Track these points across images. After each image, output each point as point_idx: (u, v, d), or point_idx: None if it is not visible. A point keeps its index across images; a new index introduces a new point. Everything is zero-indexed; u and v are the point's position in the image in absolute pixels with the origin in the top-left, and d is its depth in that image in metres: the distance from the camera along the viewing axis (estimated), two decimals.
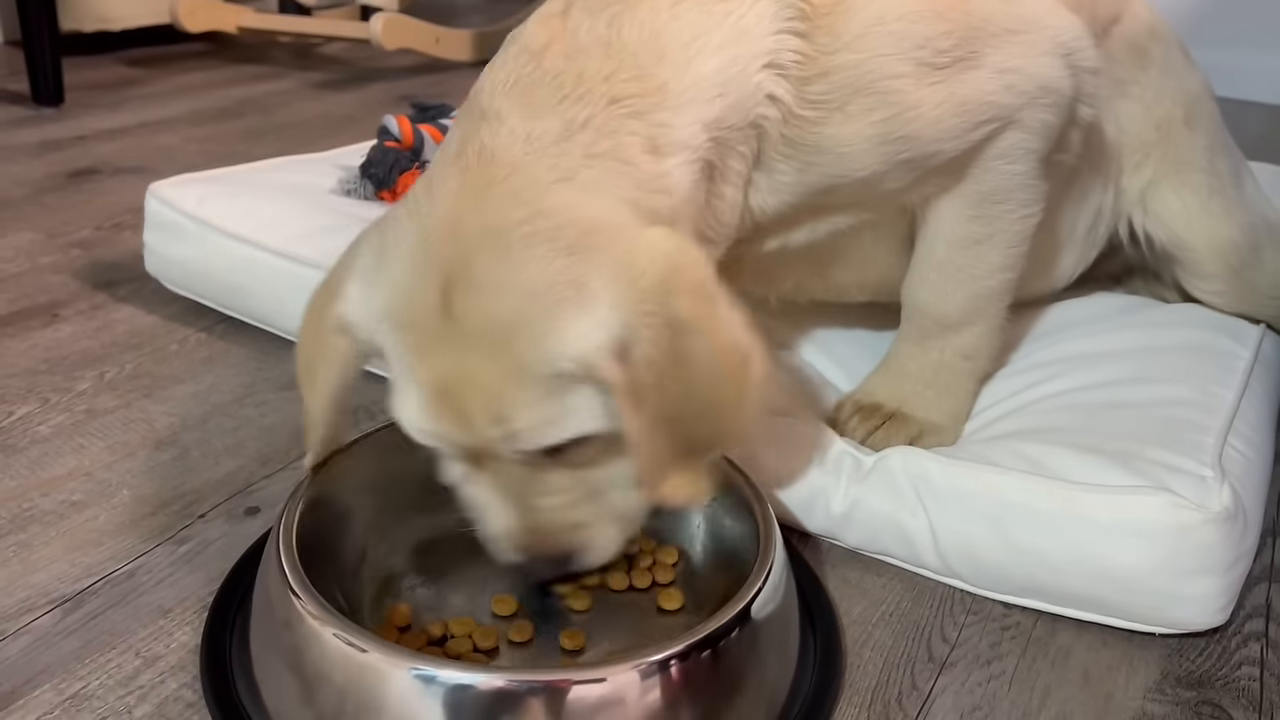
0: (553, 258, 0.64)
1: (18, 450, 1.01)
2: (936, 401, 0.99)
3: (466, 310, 0.65)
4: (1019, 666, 0.82)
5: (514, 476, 0.70)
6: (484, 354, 0.65)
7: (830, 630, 0.79)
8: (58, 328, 1.25)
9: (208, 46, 2.77)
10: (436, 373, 0.66)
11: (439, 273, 0.65)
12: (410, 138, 1.43)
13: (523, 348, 0.64)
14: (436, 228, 0.67)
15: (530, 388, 0.65)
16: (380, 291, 0.68)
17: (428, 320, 0.66)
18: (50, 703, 0.73)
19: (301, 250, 1.18)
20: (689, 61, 0.74)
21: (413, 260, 0.67)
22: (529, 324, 0.64)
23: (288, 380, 1.15)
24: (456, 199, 0.68)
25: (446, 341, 0.65)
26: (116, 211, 1.61)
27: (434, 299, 0.65)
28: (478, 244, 0.65)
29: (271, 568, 0.68)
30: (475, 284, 0.64)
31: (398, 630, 0.74)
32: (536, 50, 0.74)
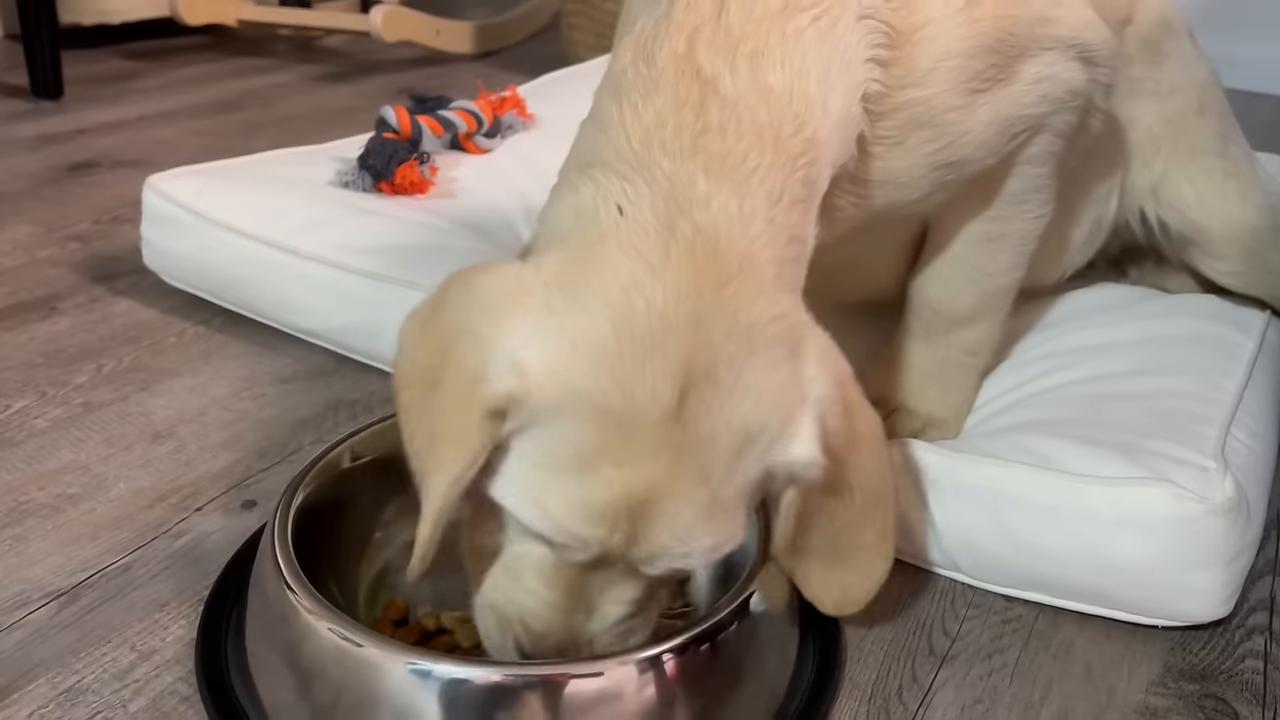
0: (785, 362, 0.62)
1: (14, 444, 1.00)
2: (940, 396, 0.98)
3: (704, 413, 0.59)
4: (1020, 660, 0.82)
5: (597, 582, 0.64)
6: (706, 462, 0.59)
7: (829, 624, 0.79)
8: (55, 321, 1.24)
9: (207, 40, 2.76)
10: (640, 478, 0.59)
11: (679, 369, 0.59)
12: (408, 129, 1.42)
13: (757, 453, 0.61)
14: (677, 317, 0.59)
15: (735, 501, 0.61)
16: (580, 371, 0.59)
17: (650, 419, 0.58)
18: (45, 696, 0.72)
19: (300, 243, 1.17)
20: (825, 102, 0.70)
21: (643, 347, 0.59)
22: (768, 429, 0.61)
23: (286, 374, 1.15)
24: (696, 289, 0.60)
25: (667, 446, 0.59)
26: (115, 205, 1.60)
27: (668, 395, 0.58)
28: (726, 344, 0.60)
29: (267, 562, 0.67)
30: (718, 385, 0.59)
31: (393, 624, 0.74)
32: (692, 101, 0.67)
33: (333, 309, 1.15)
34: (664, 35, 0.69)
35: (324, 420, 1.07)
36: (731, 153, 0.66)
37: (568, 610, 0.64)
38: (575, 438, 0.59)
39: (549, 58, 2.51)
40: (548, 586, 0.64)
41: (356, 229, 1.20)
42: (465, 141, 1.52)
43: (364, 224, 1.22)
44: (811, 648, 0.76)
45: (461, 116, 1.50)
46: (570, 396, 0.59)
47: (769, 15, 0.69)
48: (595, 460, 0.58)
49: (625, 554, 0.61)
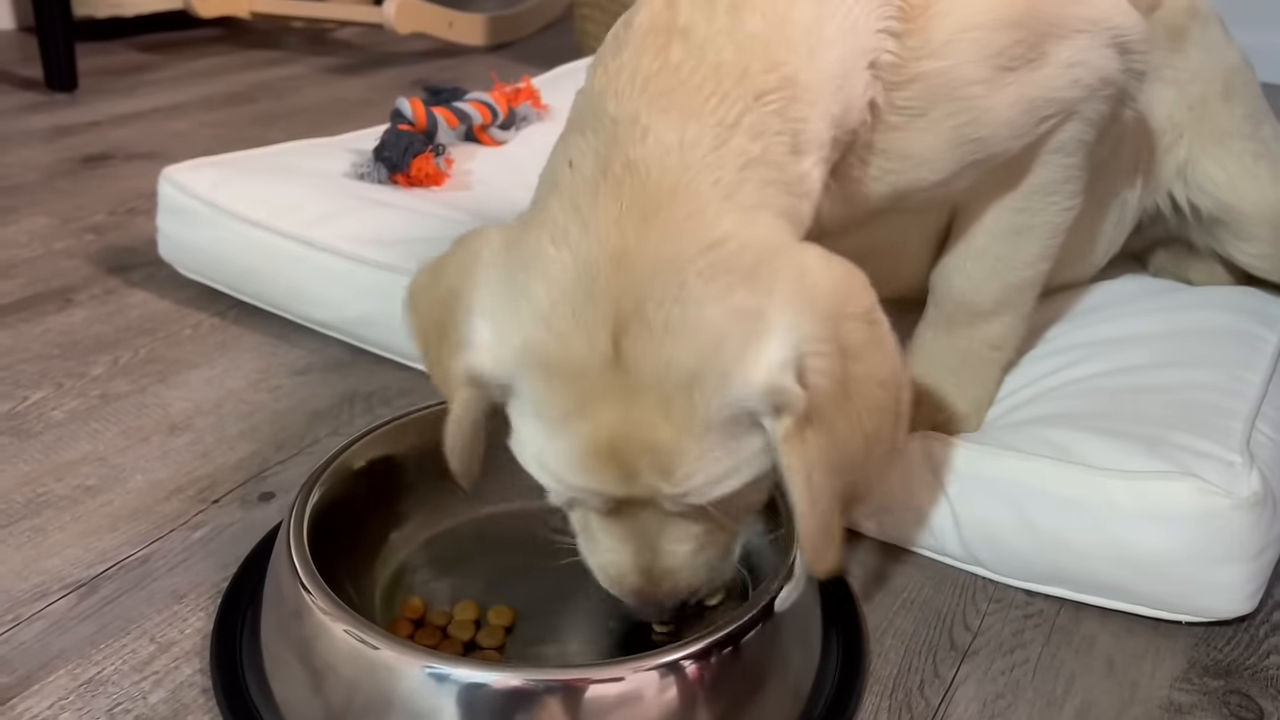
0: (731, 291, 0.59)
1: (32, 435, 1.00)
2: (961, 389, 0.97)
3: (642, 356, 0.58)
4: (1042, 655, 0.81)
5: (650, 522, 0.65)
6: (660, 404, 0.59)
7: (852, 622, 0.78)
8: (71, 313, 1.24)
9: (220, 32, 2.76)
10: (602, 426, 0.59)
11: (608, 314, 0.58)
12: (424, 120, 1.42)
13: (707, 393, 0.59)
14: (599, 262, 0.59)
15: (709, 438, 0.60)
16: (525, 333, 0.61)
17: (592, 368, 0.59)
18: (65, 688, 0.72)
19: (315, 235, 1.17)
20: (813, 51, 0.69)
21: (571, 300, 0.59)
22: (713, 369, 0.59)
23: (302, 365, 1.15)
24: (619, 228, 0.60)
25: (616, 391, 0.59)
26: (129, 196, 1.60)
27: (603, 344, 0.58)
28: (651, 282, 0.59)
29: (282, 559, 0.67)
30: (651, 327, 0.58)
31: (411, 623, 0.73)
32: (657, 46, 0.67)
33: (348, 300, 1.15)
34: (638, 15, 0.70)
35: (340, 412, 1.07)
36: (682, 86, 0.65)
37: (634, 552, 0.66)
38: (540, 397, 0.61)
39: (562, 49, 2.50)
40: (607, 534, 0.66)
41: (372, 221, 1.20)
42: (480, 133, 1.51)
43: (379, 216, 1.21)
44: (835, 646, 0.75)
45: (476, 108, 1.49)
46: (523, 358, 0.61)
47: None
48: (563, 415, 0.60)
49: (634, 496, 0.62)
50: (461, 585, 0.77)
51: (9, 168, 1.70)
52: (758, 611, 0.64)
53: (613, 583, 0.68)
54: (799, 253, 0.63)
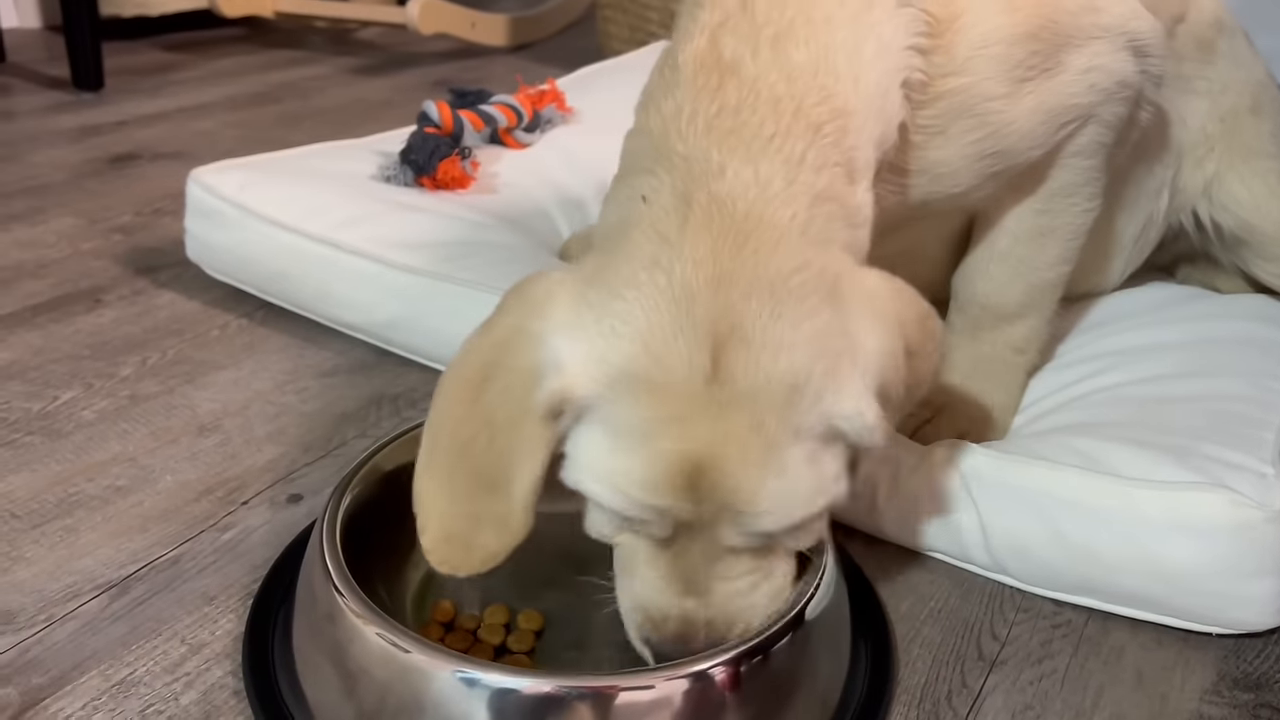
0: (820, 310, 0.62)
1: (63, 435, 1.01)
2: (986, 395, 0.97)
3: (740, 371, 0.59)
4: (1071, 666, 0.81)
5: (700, 554, 0.64)
6: (754, 418, 0.59)
7: (881, 630, 0.78)
8: (100, 313, 1.25)
9: (243, 31, 2.77)
10: (692, 442, 0.59)
11: (707, 334, 0.60)
12: (450, 124, 1.42)
13: (802, 407, 0.60)
14: (697, 285, 0.61)
15: (797, 455, 0.61)
16: (621, 354, 0.61)
17: (690, 383, 0.59)
18: (98, 688, 0.73)
19: (343, 237, 1.17)
20: (857, 78, 0.70)
21: (669, 320, 0.60)
22: (810, 383, 0.60)
23: (329, 367, 1.15)
24: (713, 255, 0.62)
25: (710, 407, 0.59)
26: (156, 197, 1.61)
27: (701, 359, 0.59)
28: (748, 301, 0.60)
29: (315, 562, 0.67)
30: (750, 343, 0.60)
31: (441, 626, 0.73)
32: (711, 87, 0.69)
33: (375, 303, 1.15)
34: (688, 36, 0.72)
35: (367, 414, 1.07)
36: (746, 125, 0.67)
37: (680, 591, 0.65)
38: (627, 416, 0.61)
39: (584, 50, 2.50)
40: (657, 571, 0.65)
41: (399, 224, 1.20)
42: (505, 136, 1.51)
43: (406, 219, 1.22)
44: (864, 654, 0.75)
45: (502, 111, 1.49)
46: (614, 378, 0.61)
47: (795, 1, 0.70)
48: (649, 433, 0.60)
49: (700, 520, 0.61)
50: (490, 589, 0.77)
51: (37, 167, 1.72)
52: (788, 620, 0.63)
53: (652, 625, 0.65)
54: (863, 276, 0.67)
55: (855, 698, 0.70)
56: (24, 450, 0.98)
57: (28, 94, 2.14)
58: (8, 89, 2.17)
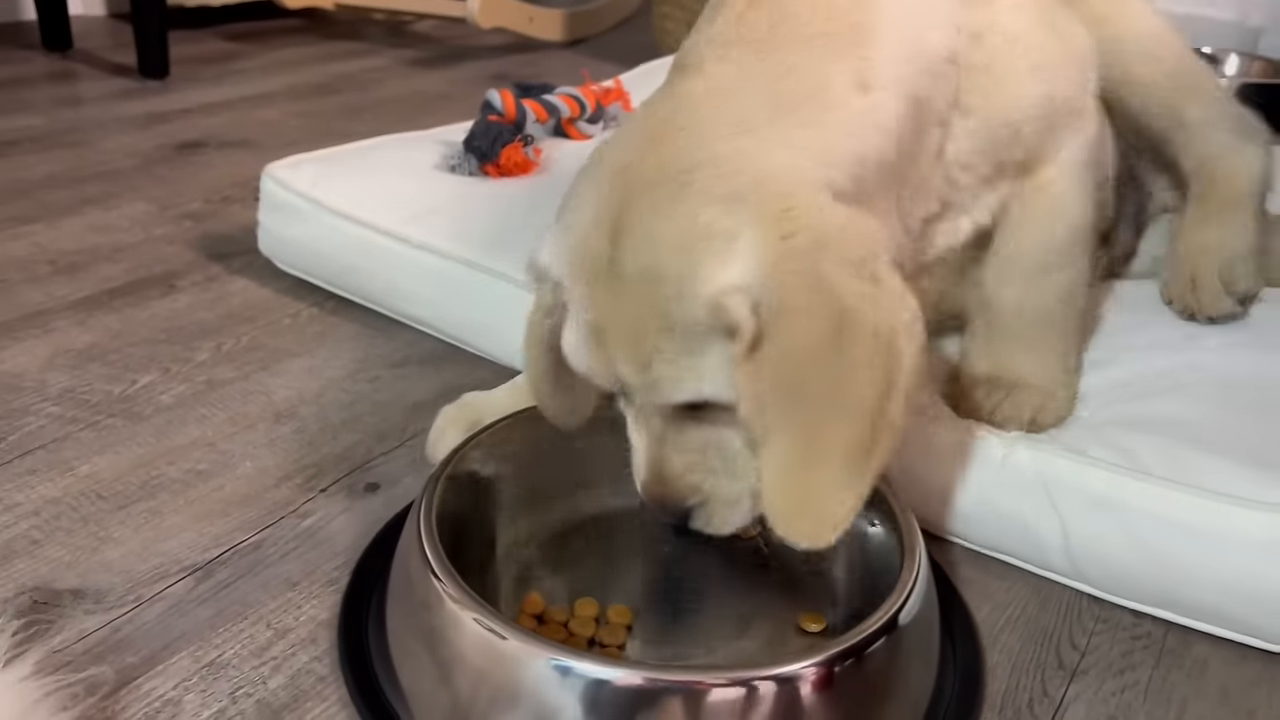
0: (705, 208, 0.64)
1: (143, 418, 1.03)
2: (1039, 366, 0.93)
3: (625, 258, 0.65)
4: (1153, 678, 0.80)
5: (657, 421, 0.70)
6: (634, 299, 0.65)
7: (969, 635, 0.78)
8: (175, 298, 1.27)
9: (303, 22, 2.80)
10: (596, 317, 0.67)
11: (610, 220, 0.66)
12: (513, 112, 1.43)
13: (667, 296, 0.64)
14: (613, 174, 0.68)
15: (671, 339, 0.65)
16: (564, 238, 0.69)
17: (597, 267, 0.66)
18: (188, 669, 0.74)
19: (414, 232, 1.18)
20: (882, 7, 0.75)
21: (591, 207, 0.68)
22: (673, 274, 0.64)
23: (399, 357, 1.16)
24: (634, 147, 0.68)
25: (608, 289, 0.66)
26: (224, 185, 1.63)
27: (604, 246, 0.66)
28: (640, 193, 0.66)
29: (412, 549, 0.67)
30: (633, 233, 0.65)
31: (534, 619, 0.74)
32: (740, 9, 0.74)
33: (444, 300, 1.16)
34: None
35: (438, 405, 1.06)
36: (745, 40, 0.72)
37: (645, 448, 0.71)
38: (568, 294, 0.69)
39: (639, 46, 2.50)
40: (635, 434, 0.73)
41: (469, 219, 1.21)
42: (568, 126, 1.52)
43: (477, 213, 1.22)
44: (953, 660, 0.74)
45: (565, 101, 1.50)
46: (563, 257, 0.69)
47: None
48: (576, 300, 0.68)
49: (610, 383, 0.69)
50: (576, 583, 0.78)
51: (108, 153, 1.75)
52: (882, 624, 0.63)
53: (638, 483, 0.73)
54: (801, 191, 0.65)
55: (945, 704, 0.70)
56: (107, 432, 1.00)
57: (95, 81, 2.17)
58: (75, 76, 2.21)
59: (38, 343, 1.15)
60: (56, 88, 2.13)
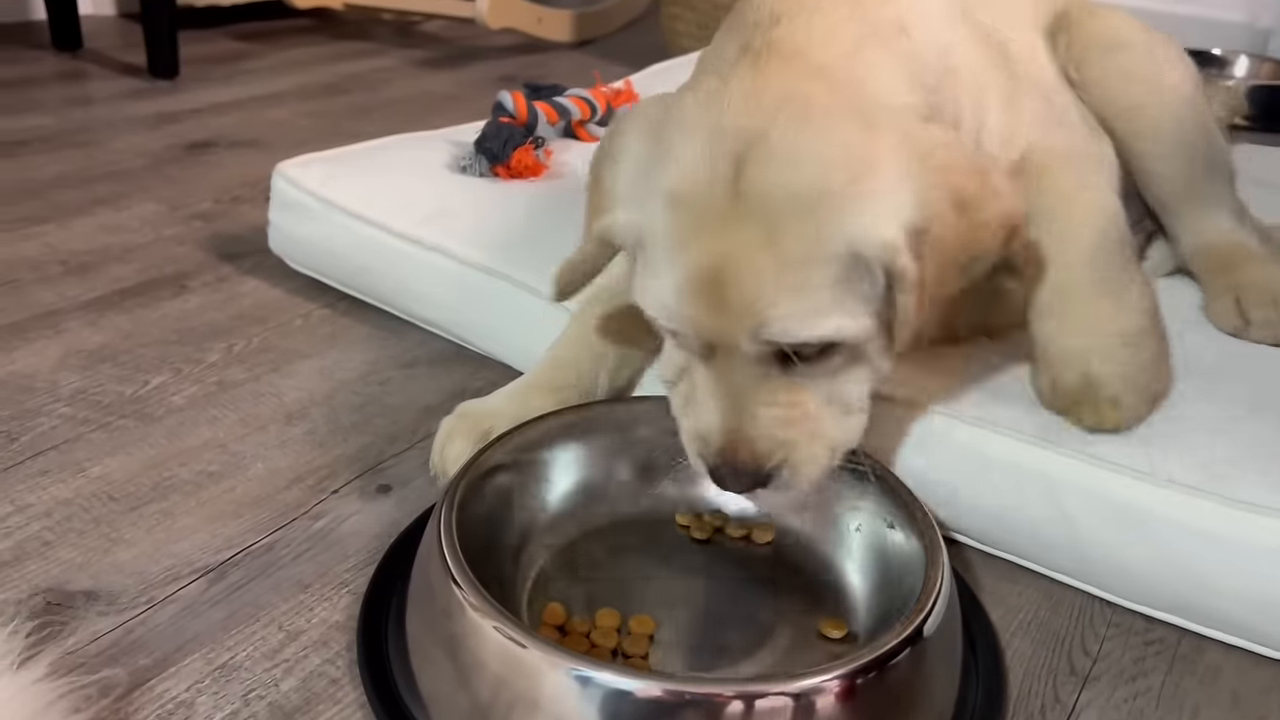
0: (851, 131, 0.64)
1: (155, 419, 1.03)
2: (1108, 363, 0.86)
3: (759, 181, 0.62)
4: (1165, 684, 0.80)
5: (740, 377, 0.68)
6: (769, 229, 0.62)
7: (990, 644, 0.78)
8: (186, 299, 1.27)
9: (312, 22, 2.80)
10: (709, 251, 0.64)
11: (734, 144, 0.63)
12: (524, 113, 1.43)
13: (820, 221, 0.62)
14: (732, 100, 0.66)
15: (807, 270, 0.63)
16: (660, 168, 0.66)
17: (714, 194, 0.63)
18: (201, 671, 0.74)
19: (425, 234, 1.18)
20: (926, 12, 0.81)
21: (704, 133, 0.65)
22: (828, 197, 0.62)
23: (410, 359, 1.16)
24: (752, 76, 0.67)
25: (729, 218, 0.63)
26: (234, 185, 1.64)
27: (726, 170, 0.63)
28: (776, 113, 0.64)
29: (433, 555, 0.67)
30: (772, 154, 0.63)
31: (556, 630, 0.73)
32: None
33: (455, 303, 1.16)
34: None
35: (449, 407, 1.06)
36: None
37: (721, 407, 0.68)
38: (664, 230, 0.66)
39: (648, 47, 2.50)
40: (703, 389, 0.70)
41: (480, 221, 1.21)
42: (578, 128, 1.52)
43: (488, 215, 1.22)
44: (975, 665, 0.74)
45: (576, 103, 1.50)
46: (653, 199, 0.66)
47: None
48: (678, 243, 0.65)
49: (727, 336, 0.65)
50: (596, 591, 0.77)
51: (119, 153, 1.75)
52: (907, 634, 0.63)
53: (703, 441, 0.70)
54: (907, 115, 0.70)
55: (969, 714, 0.70)
56: (119, 433, 1.00)
57: (105, 80, 2.17)
58: (85, 75, 2.21)
59: (49, 343, 1.15)
60: (67, 88, 2.14)
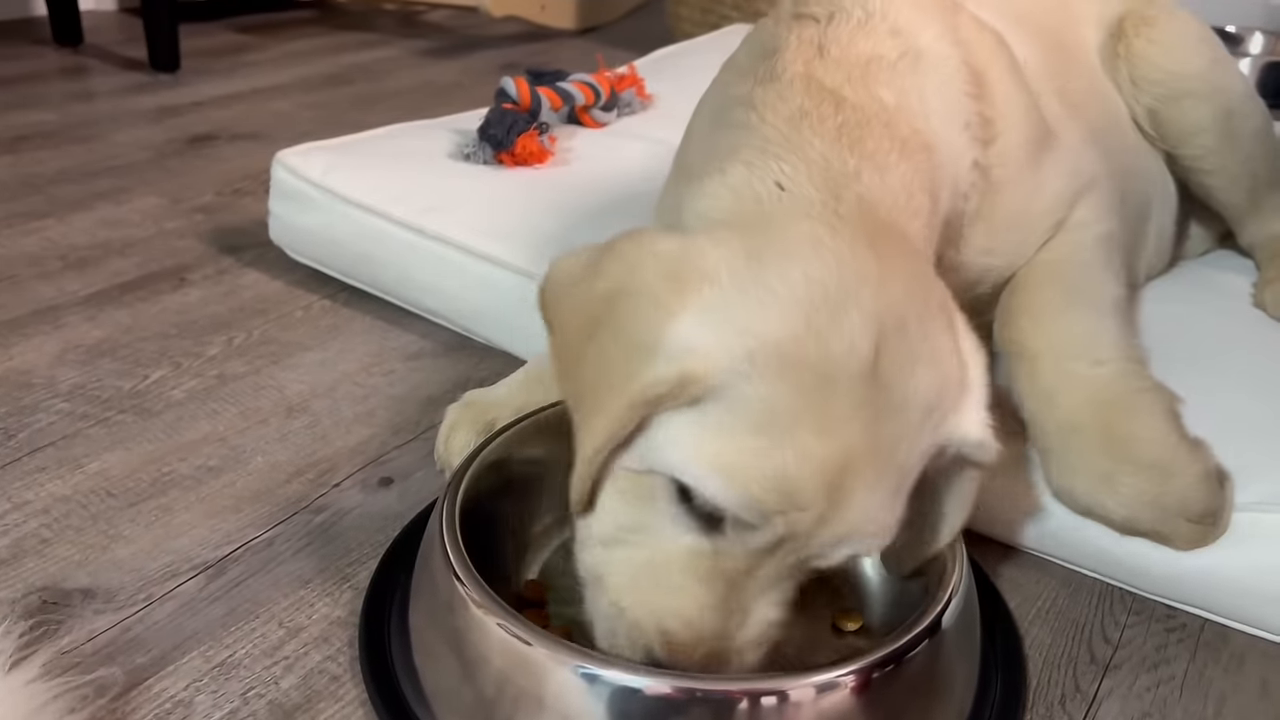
0: (950, 331, 0.62)
1: (154, 414, 1.01)
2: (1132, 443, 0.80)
3: (897, 373, 0.55)
4: (1189, 672, 0.77)
5: (759, 579, 0.58)
6: (902, 431, 0.56)
7: (1011, 634, 0.76)
8: (186, 292, 1.26)
9: (314, 13, 2.79)
10: (839, 446, 0.53)
11: (873, 321, 0.55)
12: (528, 100, 1.41)
13: (934, 424, 0.58)
14: (862, 276, 0.57)
15: (911, 478, 0.58)
16: (770, 328, 0.54)
17: (848, 373, 0.54)
18: (199, 669, 0.72)
19: (427, 222, 1.16)
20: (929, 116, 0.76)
21: (838, 293, 0.55)
22: (945, 398, 0.59)
23: (413, 349, 1.14)
24: (872, 252, 0.59)
25: (864, 407, 0.54)
26: (235, 177, 1.62)
27: (865, 347, 0.54)
28: (907, 304, 0.58)
29: (435, 550, 0.66)
30: (912, 345, 0.56)
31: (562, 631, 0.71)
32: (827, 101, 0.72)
33: (458, 291, 1.14)
34: (781, 66, 0.75)
35: (454, 398, 1.03)
36: (867, 139, 0.70)
37: (722, 614, 0.57)
38: (768, 396, 0.53)
39: (653, 33, 2.48)
40: (702, 583, 0.57)
41: (483, 209, 1.19)
42: (582, 114, 1.50)
43: (491, 203, 1.21)
44: (994, 656, 0.72)
45: (579, 89, 1.48)
46: (758, 352, 0.54)
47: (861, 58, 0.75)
48: (792, 424, 0.52)
49: (811, 537, 0.55)
50: None
51: (120, 147, 1.73)
52: (925, 627, 0.61)
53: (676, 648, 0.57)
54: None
55: (990, 706, 0.68)
56: (118, 428, 0.98)
57: (106, 75, 2.16)
58: (87, 70, 2.20)
59: (48, 338, 1.13)
60: (68, 83, 2.12)
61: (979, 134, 0.79)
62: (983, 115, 0.80)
